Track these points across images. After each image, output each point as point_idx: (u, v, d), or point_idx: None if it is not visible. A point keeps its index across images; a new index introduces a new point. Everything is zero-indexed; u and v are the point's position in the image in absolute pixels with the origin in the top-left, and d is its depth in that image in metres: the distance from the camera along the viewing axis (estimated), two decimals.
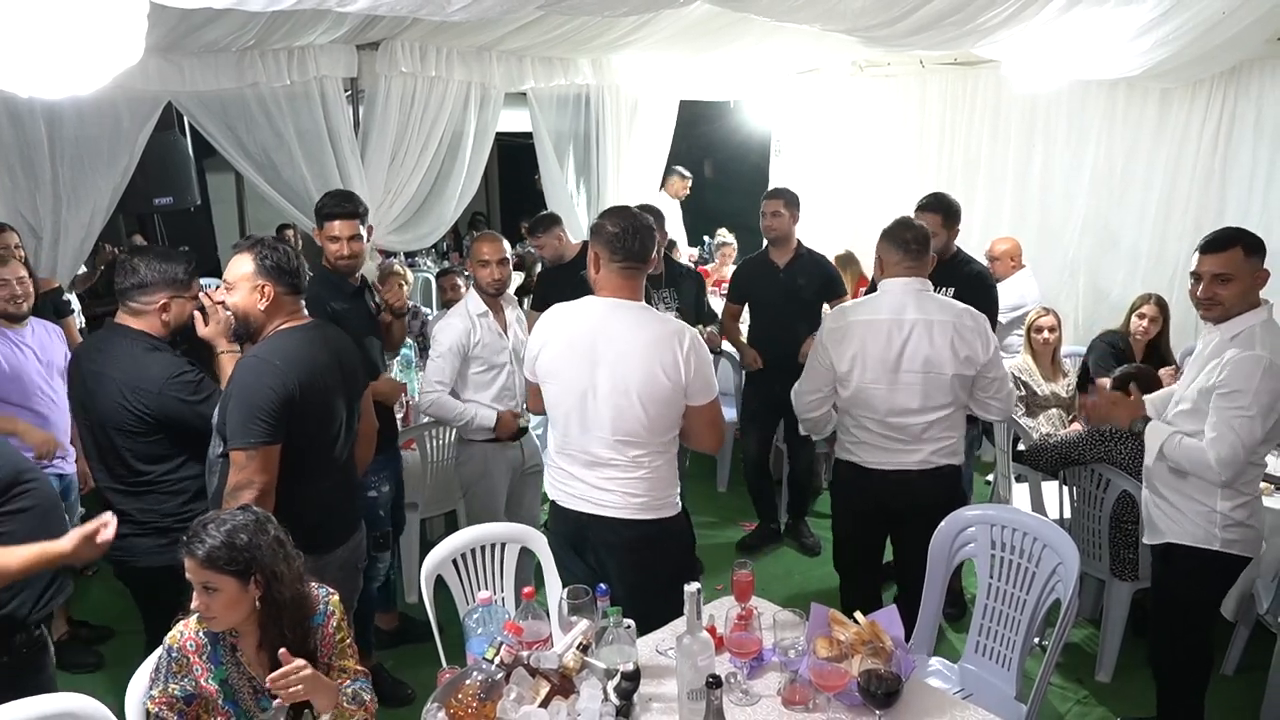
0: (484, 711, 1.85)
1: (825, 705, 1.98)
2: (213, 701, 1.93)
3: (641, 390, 2.36)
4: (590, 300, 2.48)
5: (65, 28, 1.55)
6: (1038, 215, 5.81)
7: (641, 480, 2.44)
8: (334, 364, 2.42)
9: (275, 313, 2.36)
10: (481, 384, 3.43)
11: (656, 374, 2.35)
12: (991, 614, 2.66)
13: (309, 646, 1.98)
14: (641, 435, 2.40)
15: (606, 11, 2.88)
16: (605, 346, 2.38)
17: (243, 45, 4.17)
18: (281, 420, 2.23)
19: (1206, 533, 2.60)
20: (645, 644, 2.23)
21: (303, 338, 2.37)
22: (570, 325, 2.46)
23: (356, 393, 2.57)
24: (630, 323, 2.40)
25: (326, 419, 2.41)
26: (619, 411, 2.37)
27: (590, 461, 2.45)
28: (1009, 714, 2.36)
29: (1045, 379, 4.32)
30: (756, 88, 6.96)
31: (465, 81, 5.10)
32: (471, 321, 3.37)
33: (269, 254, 2.33)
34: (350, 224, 3.14)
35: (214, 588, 1.84)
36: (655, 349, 2.36)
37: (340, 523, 2.56)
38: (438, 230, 5.50)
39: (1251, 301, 2.54)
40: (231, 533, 1.85)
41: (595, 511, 2.47)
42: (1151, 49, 3.88)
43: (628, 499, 2.44)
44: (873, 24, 3.20)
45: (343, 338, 2.57)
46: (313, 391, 2.31)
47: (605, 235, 2.41)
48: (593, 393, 2.39)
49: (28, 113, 3.82)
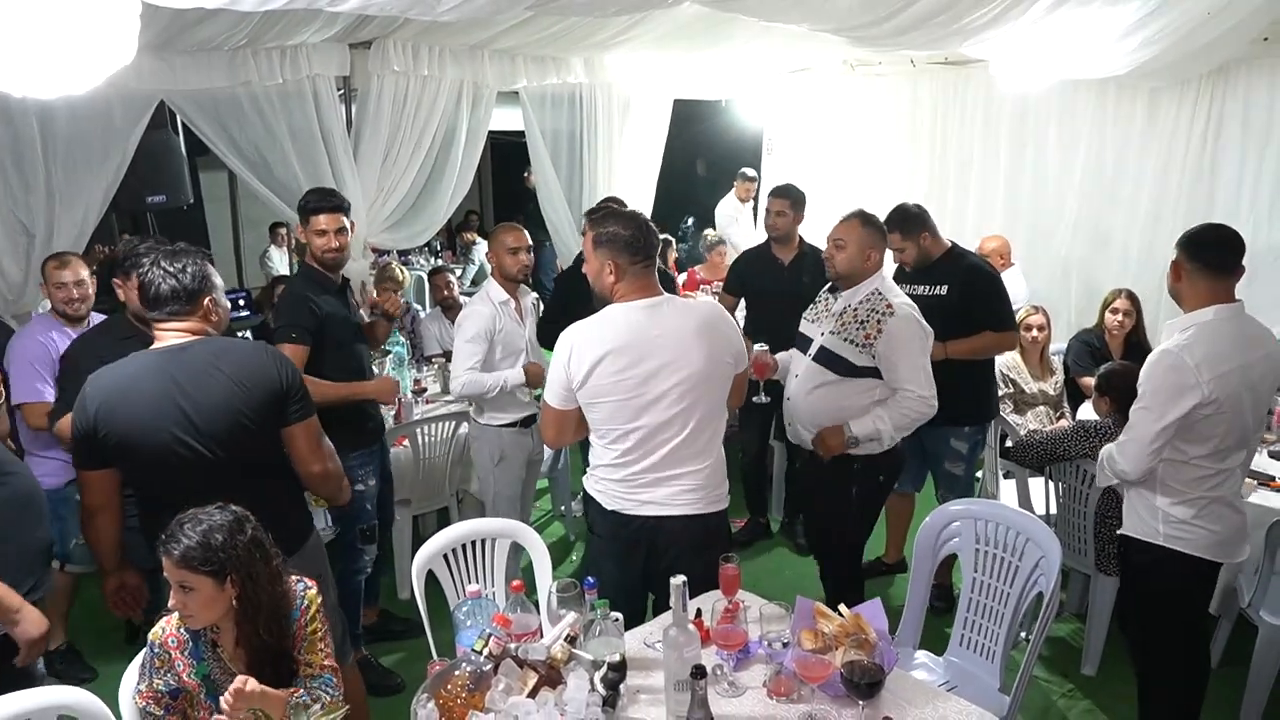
0: (473, 702, 1.87)
1: (810, 696, 2.02)
2: (196, 696, 1.95)
3: (707, 373, 2.40)
4: (620, 309, 2.42)
5: (59, 27, 1.57)
6: (1030, 214, 5.84)
7: (707, 471, 2.47)
8: (162, 397, 2.19)
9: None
10: (501, 369, 3.52)
11: (717, 354, 2.43)
12: (976, 607, 2.70)
13: (285, 645, 1.98)
14: (708, 420, 2.45)
15: (596, 11, 2.91)
16: (659, 347, 2.36)
17: (235, 44, 4.18)
18: (89, 448, 2.21)
19: (1150, 527, 2.60)
20: (632, 637, 2.25)
21: (136, 366, 2.23)
22: (610, 342, 2.37)
23: (208, 429, 2.22)
24: (674, 315, 2.43)
25: (147, 453, 2.20)
26: (689, 404, 2.39)
27: (660, 465, 2.42)
28: (992, 705, 2.38)
29: (1033, 377, 4.36)
30: (748, 86, 6.99)
31: (458, 80, 5.12)
32: (495, 308, 3.48)
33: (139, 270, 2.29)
34: (335, 217, 3.17)
35: (190, 587, 1.85)
36: (707, 331, 2.43)
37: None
38: (430, 229, 5.52)
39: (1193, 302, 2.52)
40: (207, 533, 1.86)
41: (666, 513, 2.45)
42: (1138, 48, 3.91)
43: (698, 494, 2.46)
44: (859, 24, 3.23)
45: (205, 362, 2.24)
46: (116, 424, 2.17)
47: (622, 240, 2.40)
48: (658, 396, 2.36)
49: (19, 111, 3.82)
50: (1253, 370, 2.45)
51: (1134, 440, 2.51)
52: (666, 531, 2.47)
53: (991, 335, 3.61)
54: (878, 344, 2.93)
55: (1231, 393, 2.41)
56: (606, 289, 2.46)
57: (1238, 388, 2.42)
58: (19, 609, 2.12)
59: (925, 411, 2.96)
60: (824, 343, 3.06)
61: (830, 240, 3.09)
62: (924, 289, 3.61)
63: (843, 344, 3.00)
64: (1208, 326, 2.45)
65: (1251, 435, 2.55)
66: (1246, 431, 2.51)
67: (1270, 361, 2.50)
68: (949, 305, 3.54)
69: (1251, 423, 2.52)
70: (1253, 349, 2.47)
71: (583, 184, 6.17)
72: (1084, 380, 4.25)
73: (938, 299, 3.56)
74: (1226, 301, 2.48)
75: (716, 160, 9.66)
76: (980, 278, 3.65)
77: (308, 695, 1.95)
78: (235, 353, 2.30)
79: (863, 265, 3.02)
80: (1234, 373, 2.41)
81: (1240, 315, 2.50)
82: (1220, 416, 2.42)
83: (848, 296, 3.06)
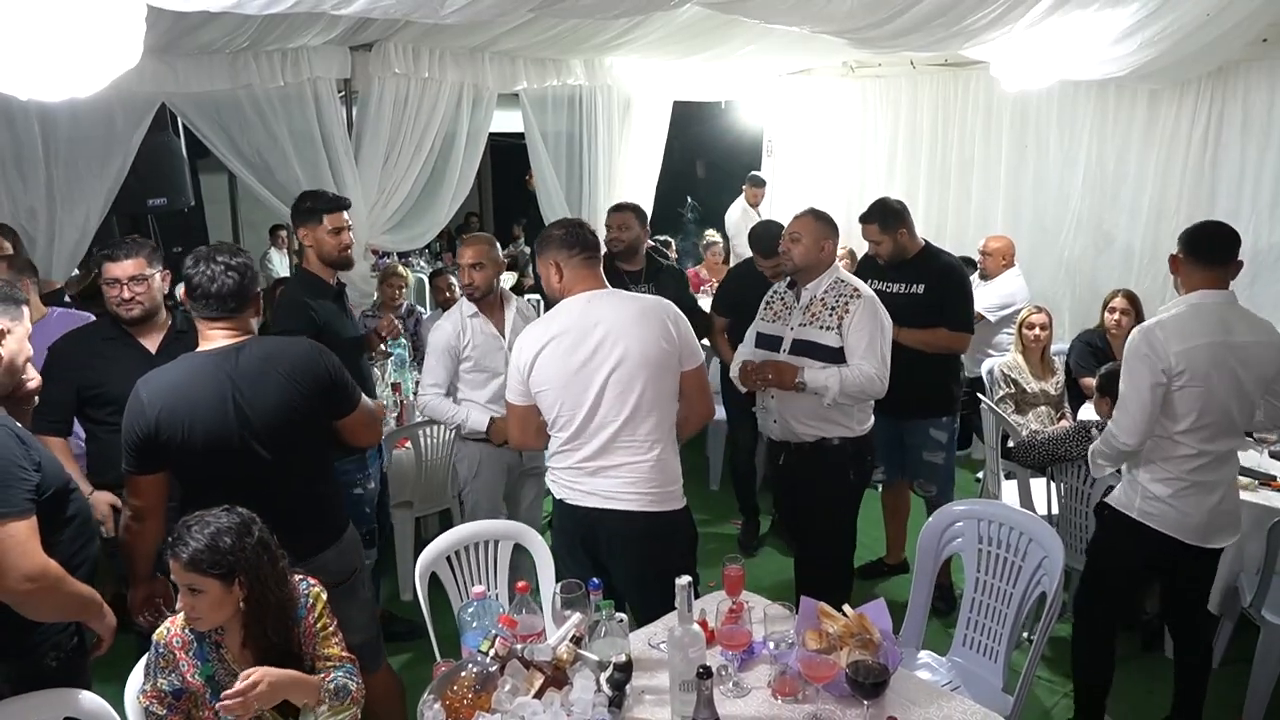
0: (479, 703, 1.88)
1: (814, 696, 2.02)
2: (200, 696, 1.95)
3: (644, 358, 2.43)
4: (565, 301, 2.53)
5: (64, 30, 1.57)
6: (1031, 215, 5.86)
7: (651, 468, 2.48)
8: (221, 399, 2.21)
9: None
10: (477, 383, 3.44)
11: (654, 339, 2.45)
12: (979, 607, 2.71)
13: (291, 646, 1.99)
14: (649, 409, 2.46)
15: (599, 14, 2.91)
16: (597, 332, 2.44)
17: (237, 47, 4.19)
18: (145, 452, 2.20)
19: (1129, 497, 2.74)
20: (638, 637, 2.26)
21: (191, 368, 2.24)
22: (551, 330, 2.49)
23: (265, 429, 2.26)
24: (612, 304, 2.49)
25: (206, 455, 2.22)
26: (625, 388, 2.43)
27: (600, 453, 2.48)
28: (996, 705, 2.39)
29: (1035, 377, 4.36)
30: (748, 88, 7.00)
31: (458, 82, 5.13)
32: (462, 323, 3.40)
33: (186, 267, 2.26)
34: (343, 215, 3.22)
35: (198, 590, 1.85)
36: (644, 318, 2.47)
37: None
38: (431, 231, 5.53)
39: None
40: (215, 535, 1.86)
41: (607, 506, 2.49)
42: (1138, 50, 3.92)
43: (639, 491, 2.48)
44: (861, 26, 3.23)
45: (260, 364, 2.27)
46: (177, 428, 2.18)
47: (556, 240, 2.54)
48: (596, 380, 2.43)
49: (21, 114, 3.83)
50: (1229, 351, 2.54)
51: (1123, 410, 2.66)
52: (608, 525, 2.51)
53: (945, 333, 3.66)
54: (845, 321, 3.04)
55: (1200, 368, 2.53)
56: (554, 290, 2.58)
57: (1207, 365, 2.53)
58: (103, 605, 2.17)
59: (873, 390, 3.03)
60: (798, 334, 3.14)
61: (786, 235, 3.19)
62: (899, 287, 3.68)
63: (819, 331, 3.09)
64: (1187, 305, 2.62)
65: (1236, 420, 2.62)
66: (1229, 415, 2.59)
67: (1257, 350, 2.58)
68: (924, 304, 3.62)
69: (1235, 408, 2.59)
70: (1233, 333, 2.57)
71: (583, 186, 6.17)
72: (1085, 380, 4.26)
73: (914, 297, 3.64)
74: (1210, 287, 2.62)
75: (716, 162, 9.68)
76: (954, 277, 3.73)
77: (336, 680, 1.97)
78: (288, 354, 2.32)
79: (818, 256, 3.14)
80: (1203, 349, 2.53)
81: (1227, 302, 2.62)
82: (1193, 390, 2.55)
83: (811, 289, 3.17)
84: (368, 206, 4.87)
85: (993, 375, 4.49)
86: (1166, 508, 2.66)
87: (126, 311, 2.74)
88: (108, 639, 2.23)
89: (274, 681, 1.85)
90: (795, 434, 3.17)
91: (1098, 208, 5.56)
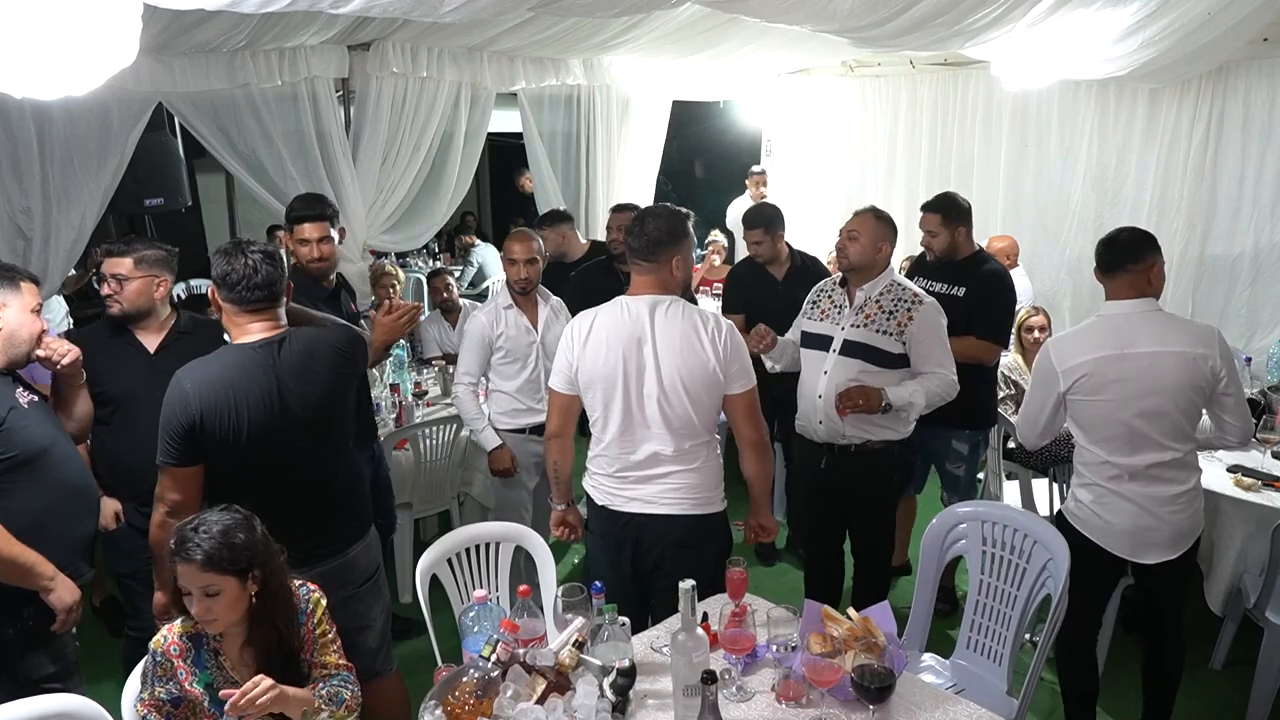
0: (480, 709, 1.86)
1: (819, 700, 2.00)
2: (199, 704, 1.93)
3: (687, 376, 2.42)
4: (623, 300, 2.51)
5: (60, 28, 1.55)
6: (1033, 215, 5.84)
7: (695, 473, 2.50)
8: (268, 392, 2.23)
9: (228, 324, 2.33)
10: (508, 374, 3.54)
11: (699, 357, 2.43)
12: (983, 610, 2.69)
13: (295, 646, 1.99)
14: (692, 424, 2.46)
15: (599, 12, 2.89)
16: (648, 341, 2.44)
17: (234, 46, 4.16)
18: (188, 444, 2.19)
19: (1069, 500, 2.80)
20: (640, 641, 2.24)
21: (236, 360, 2.25)
22: (608, 328, 2.48)
23: (308, 421, 2.31)
24: (668, 314, 2.47)
25: (250, 448, 2.23)
26: (670, 402, 2.43)
27: (643, 459, 2.48)
28: (1000, 708, 2.38)
29: None
30: (747, 88, 6.97)
31: (456, 82, 5.10)
32: (497, 314, 3.50)
33: (218, 262, 2.27)
34: (320, 226, 3.19)
35: (216, 591, 1.84)
36: (695, 334, 2.44)
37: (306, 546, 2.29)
38: (429, 231, 5.51)
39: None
40: (227, 533, 1.85)
41: (651, 511, 2.50)
42: (1138, 49, 3.91)
43: (684, 495, 2.49)
44: (861, 25, 3.21)
45: (303, 357, 2.31)
46: (223, 420, 2.19)
47: (633, 232, 2.51)
48: (643, 388, 2.44)
49: (16, 113, 3.80)
50: (1123, 364, 2.53)
51: (1023, 411, 2.82)
52: (652, 529, 2.50)
53: (974, 342, 3.55)
54: (909, 329, 3.01)
55: (1091, 382, 2.56)
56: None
57: (1099, 379, 2.55)
58: (53, 576, 2.24)
59: (951, 393, 3.05)
60: (850, 336, 3.08)
61: (844, 232, 3.14)
62: (941, 287, 3.61)
63: (875, 335, 3.04)
64: (1096, 318, 2.67)
65: (1148, 433, 2.55)
66: (1134, 429, 2.55)
67: (1157, 360, 2.52)
68: (962, 307, 3.51)
69: (1141, 422, 2.54)
70: (1134, 344, 2.53)
71: (581, 186, 6.15)
72: None
73: (952, 299, 3.53)
74: (1120, 298, 2.61)
75: (715, 162, 9.65)
76: (997, 284, 3.64)
77: (327, 689, 1.95)
78: (327, 341, 2.37)
79: (874, 257, 3.09)
80: (1094, 363, 2.56)
81: (1137, 311, 2.58)
82: (1088, 403, 2.60)
83: (867, 290, 3.11)
84: (365, 206, 4.85)
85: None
86: (1090, 513, 2.68)
87: (107, 308, 2.78)
88: (63, 616, 2.27)
89: (278, 691, 1.83)
90: (843, 436, 3.11)
91: (1098, 207, 5.54)
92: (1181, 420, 2.56)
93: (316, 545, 2.33)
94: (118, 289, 2.72)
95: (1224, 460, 3.33)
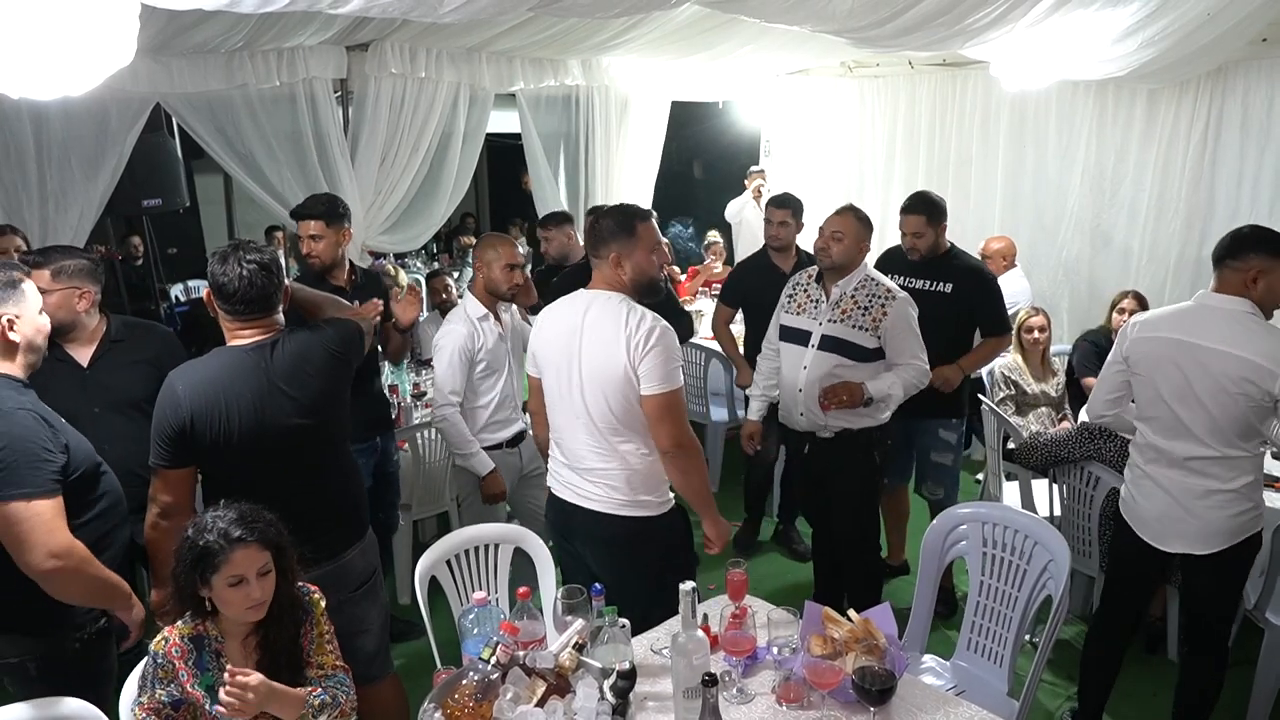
0: (480, 711, 1.85)
1: (820, 703, 1.99)
2: (200, 707, 1.92)
3: (599, 373, 2.40)
4: (579, 292, 2.54)
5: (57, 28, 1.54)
6: (1031, 215, 5.84)
7: (621, 473, 2.45)
8: (259, 394, 2.22)
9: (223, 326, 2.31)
10: (484, 389, 3.36)
11: (613, 356, 2.37)
12: (983, 611, 2.68)
13: (299, 644, 1.98)
14: (613, 423, 2.43)
15: (598, 12, 2.89)
16: (584, 334, 2.45)
17: (232, 46, 4.16)
18: (179, 446, 2.18)
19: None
20: (640, 643, 2.23)
21: (227, 363, 2.24)
22: (560, 318, 2.53)
23: (301, 424, 2.28)
24: (601, 309, 2.44)
25: (242, 450, 2.22)
26: (594, 397, 2.43)
27: (575, 450, 2.51)
28: (1001, 710, 2.38)
29: (1035, 378, 4.34)
30: (746, 89, 6.97)
31: (455, 82, 5.10)
32: (473, 325, 3.31)
33: (214, 268, 2.24)
34: (313, 223, 3.21)
35: (268, 569, 1.88)
36: (615, 332, 2.39)
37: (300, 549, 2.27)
38: (428, 231, 5.50)
39: None
40: (256, 515, 1.89)
41: (579, 503, 2.53)
42: (1138, 50, 3.91)
43: (609, 493, 2.47)
44: (861, 25, 3.21)
45: (295, 360, 2.28)
46: (214, 422, 2.18)
47: (595, 228, 2.54)
48: (575, 380, 2.45)
49: (13, 114, 3.79)
50: (1182, 350, 2.52)
51: (1096, 382, 2.86)
52: (581, 520, 2.53)
53: (993, 341, 3.76)
54: (884, 324, 3.12)
55: (1147, 360, 2.61)
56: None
57: (1154, 359, 2.59)
58: (129, 594, 2.23)
59: (924, 381, 3.21)
60: (828, 331, 3.19)
61: (827, 233, 3.22)
62: (925, 284, 3.65)
63: (851, 330, 3.16)
64: (1185, 304, 2.65)
65: (1185, 423, 2.53)
66: (1175, 415, 2.55)
67: (1216, 357, 2.46)
68: (950, 302, 3.60)
69: (1183, 410, 2.53)
70: (1202, 336, 2.50)
71: (580, 187, 6.15)
72: (1087, 380, 4.24)
73: (940, 295, 3.62)
74: (1217, 291, 2.56)
75: (714, 162, 9.65)
76: (983, 279, 3.74)
77: (325, 694, 1.93)
78: (318, 347, 2.33)
79: (855, 256, 3.21)
80: (1155, 342, 2.59)
81: (1221, 307, 2.52)
82: (1141, 380, 2.65)
83: (842, 286, 3.22)
84: (364, 207, 4.84)
85: (993, 377, 4.47)
86: (1129, 494, 2.76)
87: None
88: (135, 632, 2.28)
89: (264, 684, 1.82)
90: (823, 425, 3.22)
91: (1096, 207, 5.55)
92: (1223, 423, 2.49)
93: (311, 549, 2.30)
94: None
95: None
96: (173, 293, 7.10)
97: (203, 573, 1.84)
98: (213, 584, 1.84)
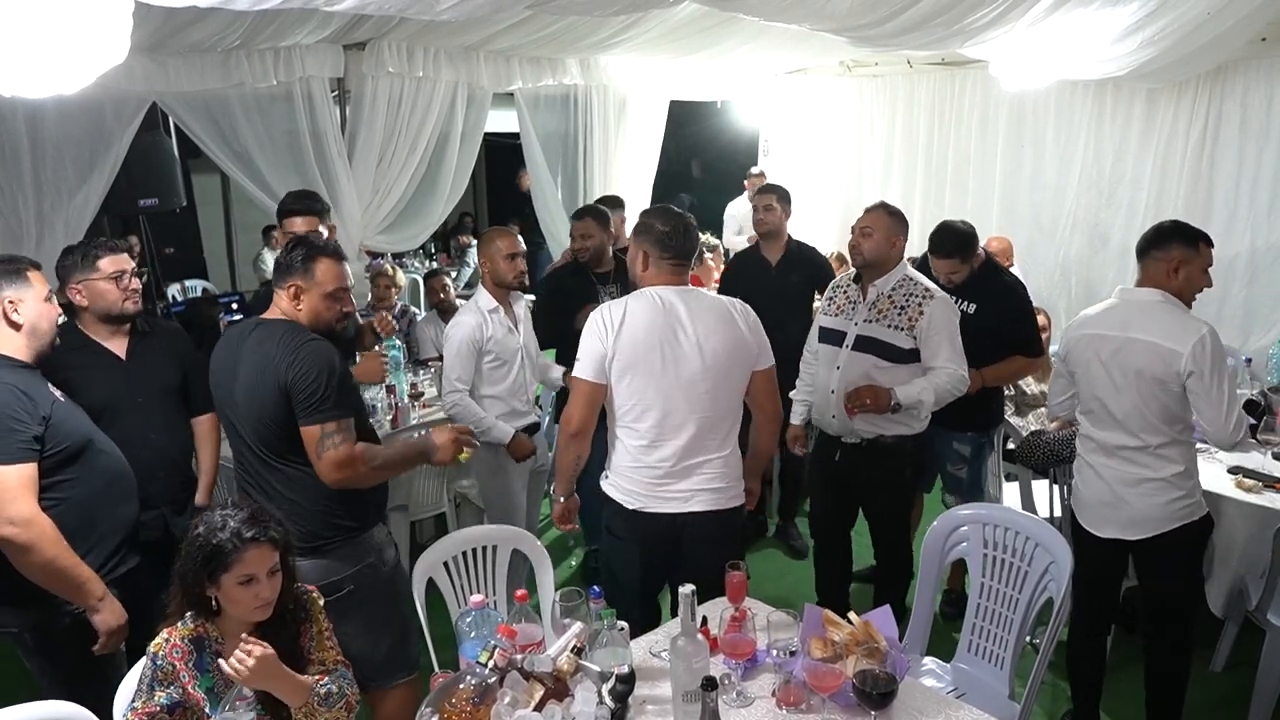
0: (478, 716, 1.83)
1: (820, 706, 1.98)
2: (198, 710, 1.90)
3: (732, 355, 2.49)
4: (649, 292, 2.52)
5: (49, 25, 1.53)
6: (1028, 214, 5.84)
7: (727, 463, 2.55)
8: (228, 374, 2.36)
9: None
10: (495, 379, 3.43)
11: (740, 338, 2.51)
12: (984, 613, 2.67)
13: (299, 644, 1.98)
14: (733, 402, 2.55)
15: (597, 11, 2.88)
16: (686, 328, 2.46)
17: (228, 45, 4.14)
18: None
19: None
20: (639, 646, 2.22)
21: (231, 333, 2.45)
22: (641, 318, 2.48)
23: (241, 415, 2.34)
24: (700, 301, 2.53)
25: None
26: (715, 385, 2.48)
27: (684, 451, 2.49)
28: (1002, 713, 2.37)
29: (1035, 379, 4.33)
30: (744, 88, 6.97)
31: (453, 82, 5.09)
32: (483, 317, 3.39)
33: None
34: (309, 220, 3.20)
35: (277, 569, 1.88)
36: (729, 317, 2.53)
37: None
38: (426, 231, 5.50)
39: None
40: (265, 514, 1.90)
41: (692, 509, 2.52)
42: (1137, 49, 3.90)
43: (720, 490, 2.55)
44: (860, 24, 3.20)
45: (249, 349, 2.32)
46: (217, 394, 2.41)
47: (655, 234, 2.53)
48: (684, 375, 2.45)
49: (8, 112, 3.77)
50: (1104, 344, 2.68)
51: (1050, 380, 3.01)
52: (690, 529, 2.53)
53: (1022, 360, 3.58)
54: (919, 324, 3.02)
55: (1076, 355, 2.78)
56: (636, 275, 2.61)
57: (1080, 353, 2.77)
58: (102, 597, 2.24)
59: (961, 388, 3.06)
60: (863, 331, 3.11)
61: (857, 229, 3.15)
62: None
63: (887, 330, 3.06)
64: (1109, 300, 2.80)
65: (1114, 414, 2.68)
66: (1105, 407, 2.70)
67: (1141, 349, 2.60)
68: (976, 324, 3.40)
69: (1111, 402, 2.68)
70: (1126, 328, 2.64)
71: (578, 186, 6.13)
72: None
73: (964, 316, 3.37)
74: (1140, 284, 2.72)
75: (713, 162, 9.64)
76: (1011, 302, 3.57)
77: (332, 684, 1.93)
78: (269, 340, 2.29)
79: (889, 252, 3.11)
80: (1083, 338, 2.76)
81: (1136, 299, 2.69)
82: (1079, 375, 2.79)
83: (879, 285, 3.12)
84: (361, 207, 4.83)
85: None
86: (1075, 483, 2.88)
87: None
88: (104, 638, 2.26)
89: (271, 658, 1.81)
90: (854, 431, 3.14)
91: (1094, 207, 5.55)
92: (1145, 411, 2.63)
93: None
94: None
95: (1225, 462, 3.32)
96: (169, 292, 7.08)
97: (213, 571, 1.83)
98: (222, 583, 1.83)
